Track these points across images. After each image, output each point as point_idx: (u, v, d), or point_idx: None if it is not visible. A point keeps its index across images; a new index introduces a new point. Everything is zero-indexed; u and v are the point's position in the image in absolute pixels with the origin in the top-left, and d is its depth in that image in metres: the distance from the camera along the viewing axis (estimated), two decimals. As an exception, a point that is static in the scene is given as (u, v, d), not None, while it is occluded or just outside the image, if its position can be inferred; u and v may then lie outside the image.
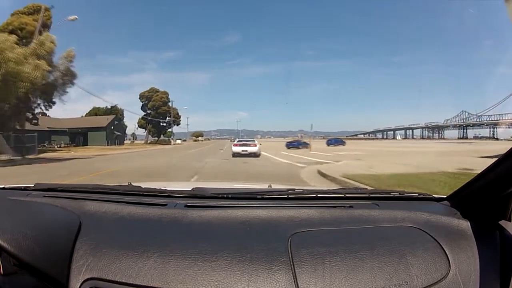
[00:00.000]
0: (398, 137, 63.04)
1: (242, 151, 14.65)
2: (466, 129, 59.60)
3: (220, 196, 1.01)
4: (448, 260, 0.74)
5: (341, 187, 1.07)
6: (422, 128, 64.88)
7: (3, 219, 0.78)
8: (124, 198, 1.01)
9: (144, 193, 1.05)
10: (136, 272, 0.69)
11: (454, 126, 61.72)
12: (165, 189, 1.07)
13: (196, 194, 1.04)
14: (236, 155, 14.50)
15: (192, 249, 0.74)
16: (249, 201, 0.98)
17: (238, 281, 0.67)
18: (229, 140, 58.41)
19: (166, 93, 49.67)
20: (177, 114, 52.16)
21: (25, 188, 1.14)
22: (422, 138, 60.39)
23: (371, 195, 1.02)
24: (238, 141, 16.77)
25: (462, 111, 62.16)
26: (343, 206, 0.95)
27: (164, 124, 50.11)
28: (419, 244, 0.77)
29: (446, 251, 0.76)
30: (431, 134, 62.30)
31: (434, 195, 1.03)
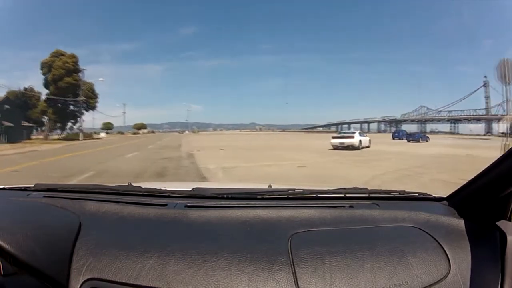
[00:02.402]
0: (352, 130, 63.05)
1: (340, 143, 15.55)
2: (425, 123, 59.38)
3: (220, 196, 1.01)
4: (448, 260, 0.74)
5: (341, 187, 1.07)
6: (378, 121, 63.93)
7: (3, 220, 0.78)
8: (124, 198, 1.01)
9: (144, 193, 1.05)
10: (136, 273, 0.69)
11: (413, 121, 61.13)
12: (165, 189, 1.07)
13: (196, 194, 1.04)
14: (335, 147, 15.50)
15: (192, 249, 0.73)
16: (249, 201, 0.98)
17: (238, 281, 0.67)
18: (178, 133, 54.26)
19: (74, 57, 30.31)
20: (92, 91, 32.42)
21: (25, 189, 1.14)
22: (379, 131, 59.66)
23: (371, 195, 1.02)
24: (337, 135, 18.24)
25: (421, 106, 61.40)
26: (343, 206, 0.95)
27: (74, 108, 31.42)
28: (419, 244, 0.77)
29: (446, 251, 0.76)
30: (388, 128, 61.81)
31: (434, 195, 1.03)
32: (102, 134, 42.53)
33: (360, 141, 15.84)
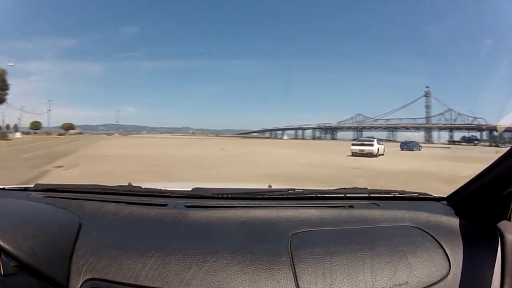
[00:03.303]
0: (285, 137, 62.76)
1: (359, 150, 15.36)
2: (362, 131, 59.61)
3: (220, 196, 1.01)
4: (448, 260, 0.74)
5: (341, 187, 1.07)
6: (313, 128, 63.88)
7: (3, 220, 0.78)
8: (124, 198, 1.01)
9: (144, 193, 1.05)
10: (137, 273, 0.69)
11: (349, 128, 61.63)
12: (165, 189, 1.07)
13: (196, 194, 1.04)
14: (355, 154, 15.24)
15: (193, 249, 0.73)
16: (249, 201, 0.98)
17: (238, 281, 0.67)
18: (106, 135, 48.51)
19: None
20: (2, 81, 26.27)
21: (25, 189, 1.14)
22: (313, 138, 59.80)
23: (371, 195, 1.02)
24: (357, 141, 18.14)
25: (358, 114, 62.52)
26: (343, 206, 0.95)
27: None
28: (419, 244, 0.77)
29: (446, 251, 0.76)
30: (323, 135, 62.18)
31: (434, 195, 1.03)
32: (18, 135, 35.43)
33: (378, 149, 15.81)
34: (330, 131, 62.32)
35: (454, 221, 0.84)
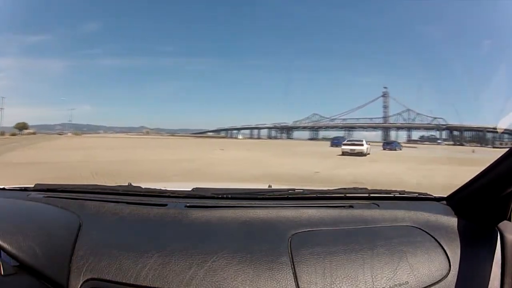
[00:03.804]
0: (240, 136, 62.54)
1: (351, 150, 16.16)
2: (318, 130, 60.44)
3: (220, 196, 1.01)
4: (448, 260, 0.74)
5: (341, 187, 1.07)
6: (269, 128, 63.78)
7: (3, 220, 0.78)
8: (124, 198, 1.01)
9: (144, 193, 1.05)
10: (137, 273, 0.69)
11: (305, 128, 61.73)
12: (165, 189, 1.07)
13: (196, 194, 1.04)
14: (345, 153, 15.90)
15: (193, 249, 0.73)
16: (249, 201, 0.98)
17: (238, 281, 0.67)
18: (58, 134, 44.65)
19: None
20: None
21: (25, 189, 1.14)
22: (269, 138, 59.72)
23: (371, 195, 1.02)
24: (348, 141, 18.97)
25: (314, 113, 62.43)
26: (343, 206, 0.95)
27: None
28: (419, 244, 0.77)
29: (446, 251, 0.76)
30: (278, 134, 62.40)
31: (434, 195, 1.03)
32: None
33: (367, 148, 16.62)
34: (286, 131, 62.74)
35: (454, 221, 0.84)
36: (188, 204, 0.95)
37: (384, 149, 23.81)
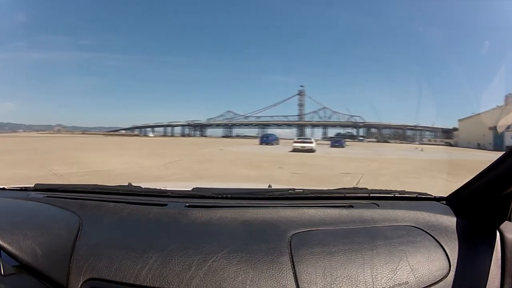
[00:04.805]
0: (151, 134, 62.55)
1: (301, 147, 17.77)
2: (232, 128, 61.76)
3: (221, 196, 1.01)
4: (448, 260, 0.74)
5: (341, 187, 1.07)
6: (183, 125, 64.56)
7: (3, 220, 0.78)
8: (124, 198, 1.01)
9: (144, 193, 1.05)
10: (137, 273, 0.69)
11: (218, 125, 62.96)
12: (165, 189, 1.07)
13: (196, 194, 1.04)
14: (296, 150, 17.20)
15: (193, 249, 0.73)
16: (250, 201, 0.98)
17: (238, 281, 0.67)
18: None
19: None
20: None
21: (25, 189, 1.14)
22: (183, 135, 60.19)
23: (371, 194, 1.02)
24: (298, 139, 20.62)
25: (228, 111, 63.80)
26: (343, 206, 0.95)
27: None
28: (419, 244, 0.77)
29: (446, 251, 0.76)
30: (192, 132, 62.96)
31: (434, 195, 1.03)
32: None
33: (315, 145, 18.73)
34: (199, 128, 63.65)
35: (454, 221, 0.84)
36: (188, 204, 0.95)
37: (332, 146, 25.11)
